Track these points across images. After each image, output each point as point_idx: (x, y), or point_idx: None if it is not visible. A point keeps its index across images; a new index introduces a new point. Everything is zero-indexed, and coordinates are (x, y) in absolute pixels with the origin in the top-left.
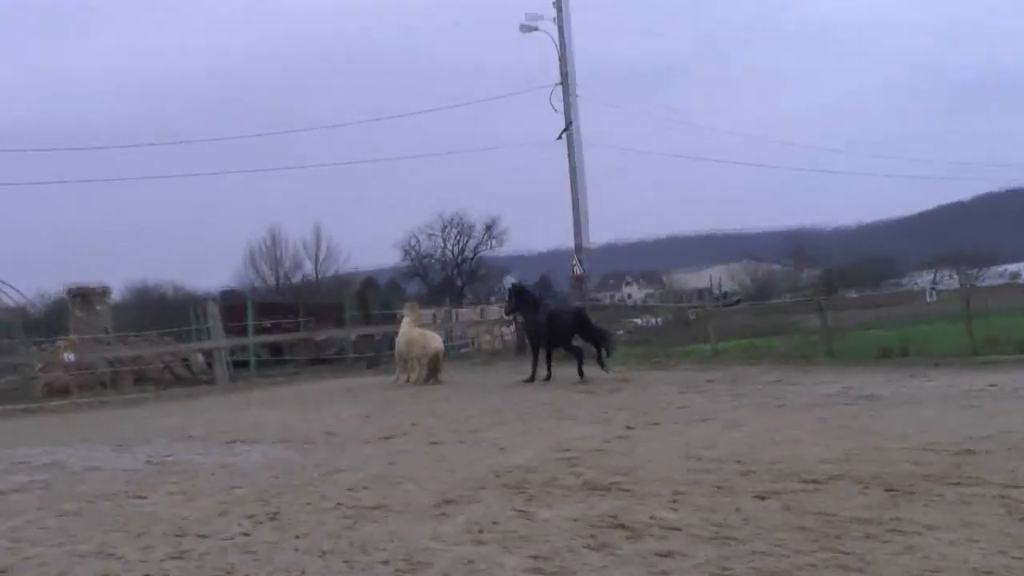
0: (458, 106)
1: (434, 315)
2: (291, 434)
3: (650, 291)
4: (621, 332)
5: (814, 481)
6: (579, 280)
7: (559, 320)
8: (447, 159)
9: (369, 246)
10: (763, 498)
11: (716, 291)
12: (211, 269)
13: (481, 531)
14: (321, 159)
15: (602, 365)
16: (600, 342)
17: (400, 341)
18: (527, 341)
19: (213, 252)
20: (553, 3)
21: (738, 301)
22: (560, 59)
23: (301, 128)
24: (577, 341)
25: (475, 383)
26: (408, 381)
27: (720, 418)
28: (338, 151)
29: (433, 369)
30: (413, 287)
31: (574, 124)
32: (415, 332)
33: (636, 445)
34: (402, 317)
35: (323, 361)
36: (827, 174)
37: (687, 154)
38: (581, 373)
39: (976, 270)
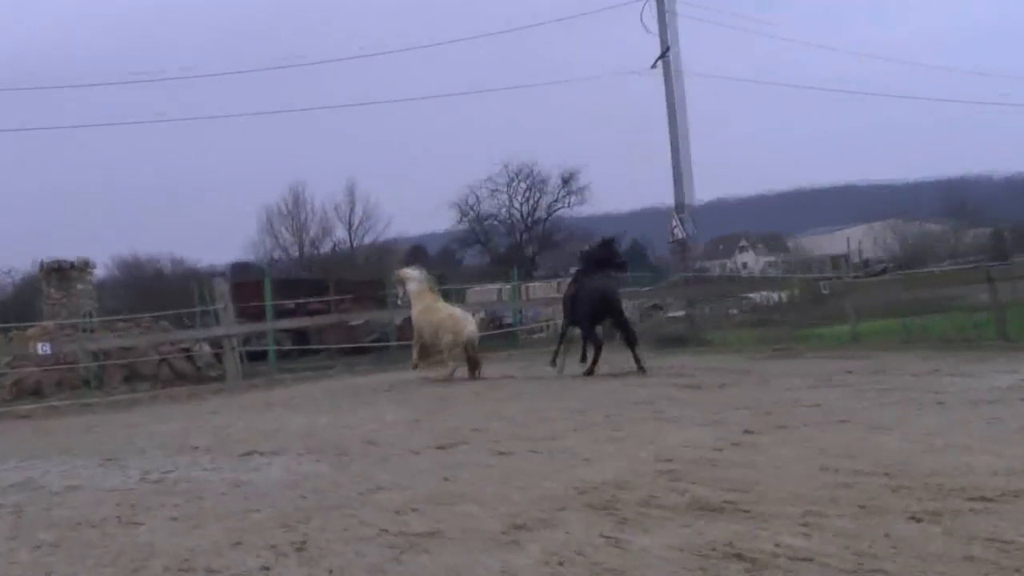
0: (520, 29)
1: (499, 291)
2: (321, 443)
3: (771, 259)
4: (734, 311)
5: (984, 499)
6: (681, 246)
7: (579, 298)
8: (510, 97)
9: (416, 207)
10: (918, 520)
11: (855, 258)
12: (219, 238)
13: (561, 563)
14: (354, 98)
15: (638, 363)
16: (626, 333)
17: (423, 322)
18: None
19: (221, 218)
20: None
21: (884, 270)
22: None
23: (326, 59)
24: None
25: (551, 377)
26: (442, 374)
27: (862, 419)
28: (373, 90)
29: (473, 361)
30: (473, 256)
31: (672, 50)
32: (442, 311)
33: (756, 453)
34: (406, 289)
35: (360, 351)
36: (996, 109)
37: (815, 85)
38: (591, 371)
39: None
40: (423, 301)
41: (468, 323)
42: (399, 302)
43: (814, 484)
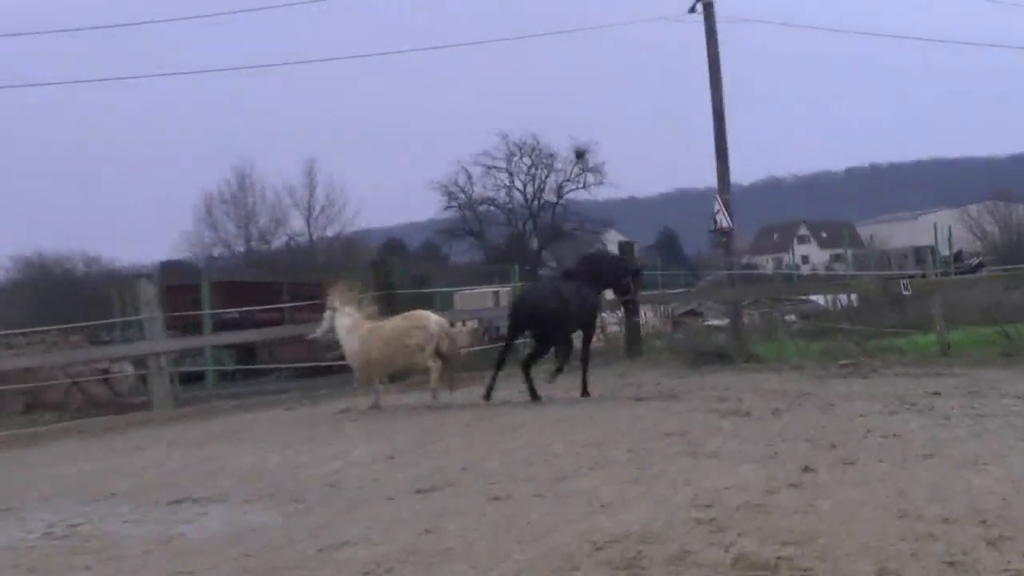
0: None
1: (496, 295)
2: (271, 487)
3: (838, 251)
4: (791, 318)
5: None
6: (725, 237)
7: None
8: (510, 53)
9: (393, 191)
10: None
11: (944, 250)
12: (144, 232)
13: None
14: (313, 52)
15: (557, 372)
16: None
17: (367, 338)
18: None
19: (147, 206)
20: None
21: (979, 265)
22: None
23: (278, 2)
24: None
25: (561, 400)
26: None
27: (953, 453)
28: (338, 41)
29: (445, 366)
30: (463, 251)
31: None
32: (391, 320)
33: (818, 497)
34: (331, 307)
35: (321, 371)
36: None
37: (896, 33)
38: (487, 395)
39: None
40: (357, 328)
41: (431, 315)
42: (321, 336)
43: (891, 535)
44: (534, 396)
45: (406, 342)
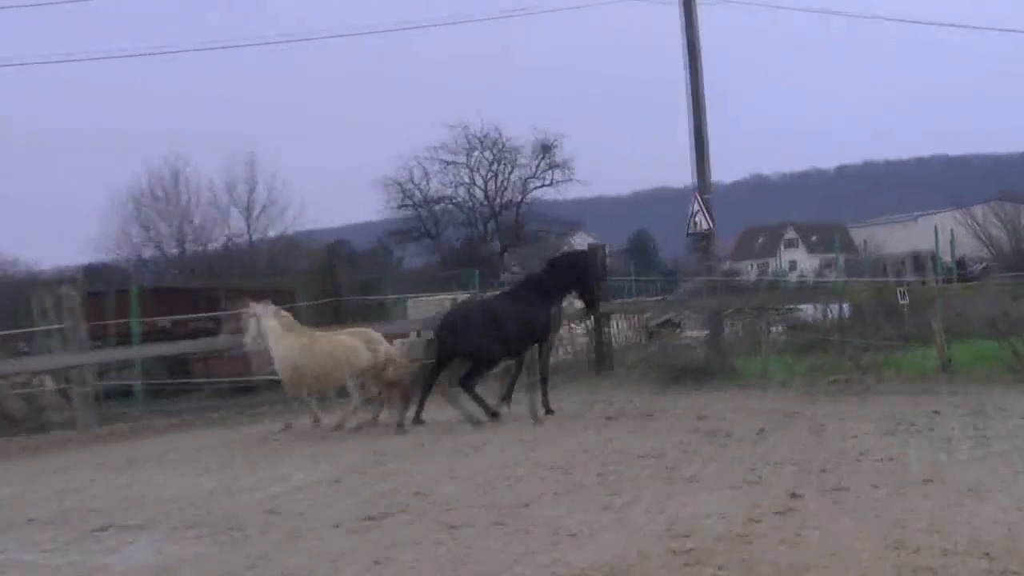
0: None
1: (453, 303)
2: (206, 514)
3: (827, 256)
4: (777, 330)
5: None
6: (705, 240)
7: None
8: (467, 36)
9: (341, 188)
10: None
11: (946, 256)
12: (66, 232)
13: None
14: (256, 34)
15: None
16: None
17: (302, 355)
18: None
19: (69, 204)
20: None
21: (984, 271)
22: None
23: None
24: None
25: (524, 419)
26: (348, 422)
27: (953, 479)
28: (285, 22)
29: (390, 389)
30: (417, 254)
31: None
32: (332, 336)
33: (806, 527)
34: (251, 318)
35: (261, 387)
36: None
37: (896, 16)
38: (417, 418)
39: None
40: (292, 336)
41: (377, 336)
42: (255, 346)
43: (886, 569)
44: (490, 413)
45: (351, 361)
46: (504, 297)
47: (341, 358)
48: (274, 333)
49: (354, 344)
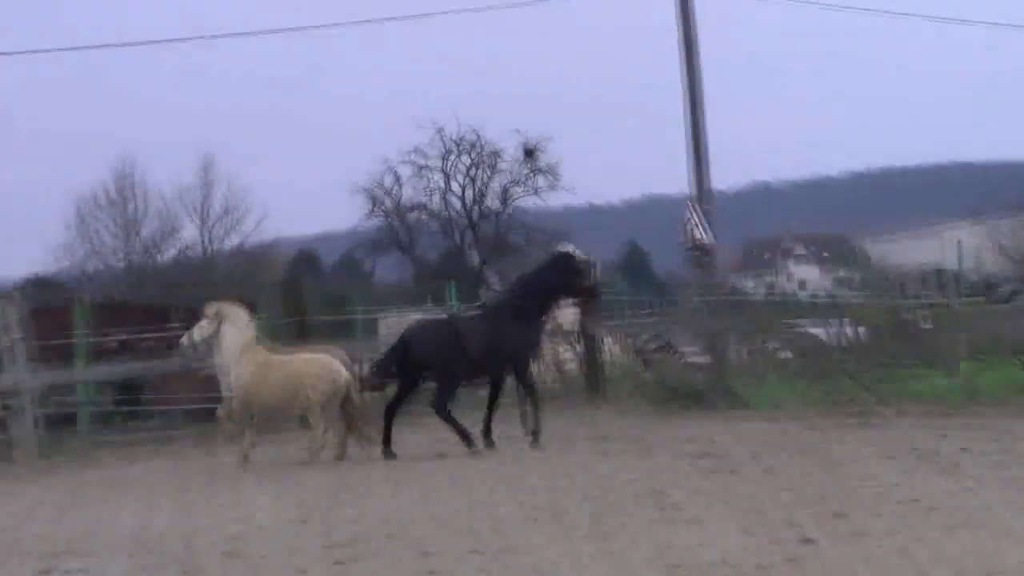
0: None
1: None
2: (159, 552)
3: (840, 273)
4: (785, 353)
5: None
6: (703, 253)
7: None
8: (443, 30)
9: (306, 195)
10: None
11: (968, 274)
12: (5, 241)
13: None
14: (212, 27)
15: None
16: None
17: (257, 380)
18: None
19: (8, 210)
20: None
21: (1014, 293)
22: None
23: None
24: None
25: (508, 450)
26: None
27: (983, 521)
28: (244, 14)
29: (352, 418)
30: (389, 266)
31: None
32: (292, 360)
33: (819, 572)
34: (215, 317)
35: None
36: None
37: (900, 9)
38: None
39: None
40: (252, 354)
41: (338, 363)
42: (192, 347)
43: None
44: (468, 442)
45: (307, 392)
46: (472, 317)
47: (299, 386)
48: (233, 348)
49: (313, 372)
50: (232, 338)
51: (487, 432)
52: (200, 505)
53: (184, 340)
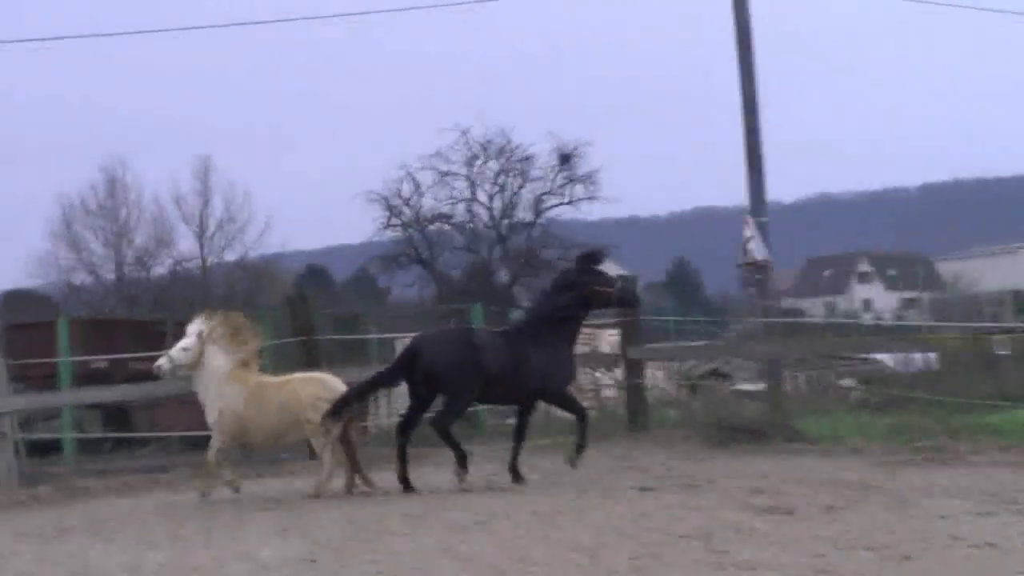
0: None
1: None
2: None
3: (909, 294)
4: (849, 383)
5: None
6: (760, 272)
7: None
8: (469, 21)
9: (316, 203)
10: None
11: None
12: None
13: None
14: (223, 16)
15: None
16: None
17: (250, 404)
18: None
19: None
20: None
21: None
22: None
23: None
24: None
25: (543, 486)
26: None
27: None
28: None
29: (353, 456)
30: (408, 283)
31: None
32: (287, 381)
33: None
34: (200, 335)
35: None
36: None
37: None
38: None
39: None
40: (242, 377)
41: (339, 382)
42: (172, 371)
43: None
44: (461, 463)
45: (308, 414)
46: (493, 331)
47: (296, 410)
48: (216, 368)
49: (312, 394)
50: (218, 360)
51: (514, 466)
52: (198, 542)
53: (163, 364)
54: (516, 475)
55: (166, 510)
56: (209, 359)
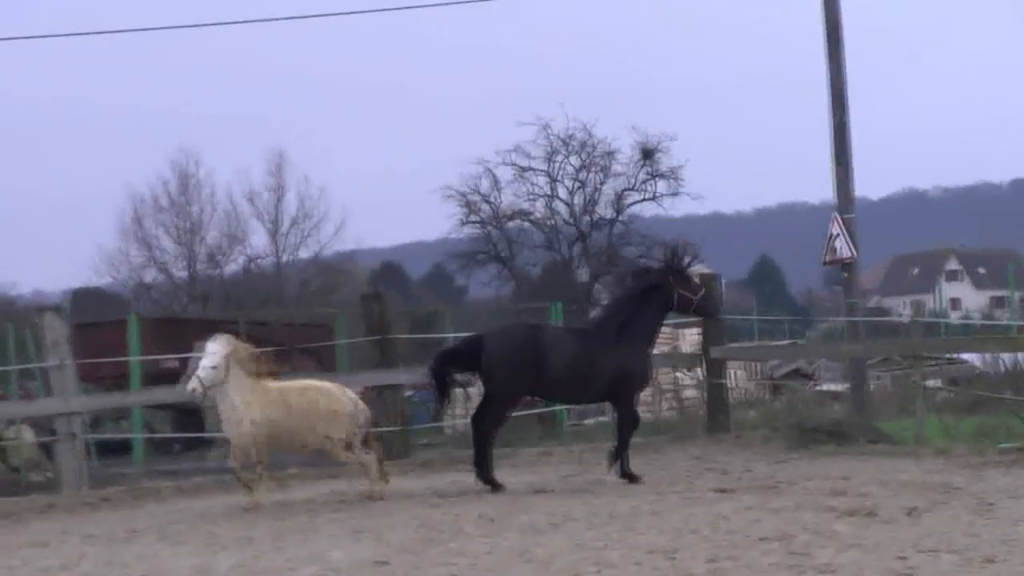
0: None
1: None
2: None
3: (999, 292)
4: (935, 384)
5: None
6: (847, 269)
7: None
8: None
9: (392, 199)
10: None
11: None
12: (51, 250)
13: None
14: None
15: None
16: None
17: (266, 418)
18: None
19: (53, 216)
20: None
21: None
22: None
23: None
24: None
25: (620, 487)
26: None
27: None
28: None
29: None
30: (485, 282)
31: None
32: (307, 388)
33: None
34: (221, 354)
35: None
36: None
37: None
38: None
39: None
40: (263, 387)
41: (353, 396)
42: (203, 393)
43: None
44: (487, 481)
45: (334, 430)
46: (564, 329)
47: (333, 405)
48: (238, 390)
49: (340, 391)
50: (240, 377)
51: (625, 469)
52: (268, 545)
53: (196, 387)
54: (631, 478)
55: (236, 512)
56: (232, 378)
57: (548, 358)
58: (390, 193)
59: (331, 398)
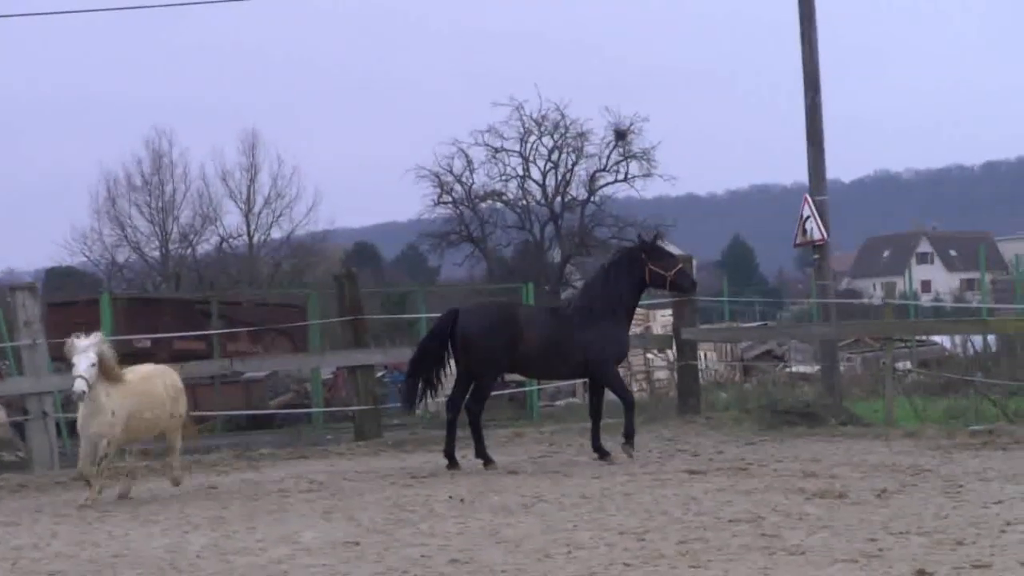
0: None
1: None
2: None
3: (970, 275)
4: (905, 366)
5: None
6: (818, 251)
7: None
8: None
9: (365, 179)
10: None
11: None
12: (23, 228)
13: None
14: None
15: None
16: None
17: (139, 400)
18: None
19: (26, 192)
20: None
21: None
22: None
23: None
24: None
25: (592, 468)
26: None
27: None
28: None
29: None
30: (457, 263)
31: None
32: (151, 374)
33: None
34: (92, 357)
35: (262, 422)
36: None
37: None
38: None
39: None
40: (124, 377)
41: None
42: (87, 391)
43: None
44: (486, 460)
45: (179, 409)
46: (539, 308)
47: (164, 402)
48: (104, 387)
49: (172, 386)
50: (84, 373)
51: (598, 445)
52: (239, 525)
53: (82, 387)
54: (602, 453)
55: (208, 492)
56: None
57: (524, 333)
58: (364, 173)
59: (171, 378)
